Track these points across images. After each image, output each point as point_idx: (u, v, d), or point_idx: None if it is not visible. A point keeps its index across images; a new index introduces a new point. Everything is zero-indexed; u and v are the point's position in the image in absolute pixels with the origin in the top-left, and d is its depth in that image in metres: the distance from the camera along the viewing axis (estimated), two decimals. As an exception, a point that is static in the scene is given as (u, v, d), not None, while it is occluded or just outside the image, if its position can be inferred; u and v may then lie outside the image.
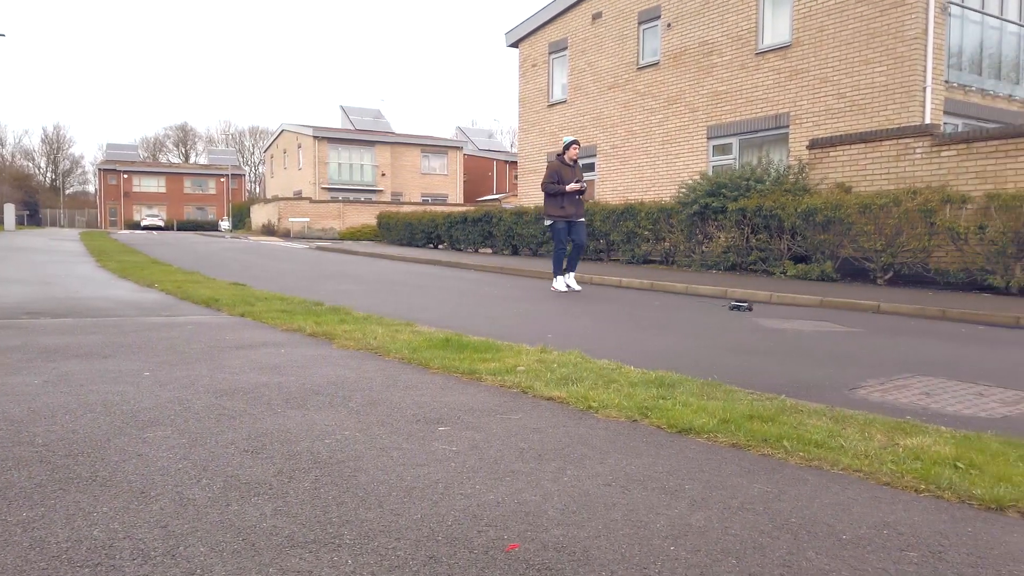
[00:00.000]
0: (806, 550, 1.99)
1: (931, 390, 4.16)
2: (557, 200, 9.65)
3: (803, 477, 2.58)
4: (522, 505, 2.25)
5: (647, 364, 4.51)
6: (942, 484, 2.47)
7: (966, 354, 5.55)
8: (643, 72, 18.69)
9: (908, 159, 10.92)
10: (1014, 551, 2.02)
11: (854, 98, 13.78)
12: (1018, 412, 3.69)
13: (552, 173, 9.70)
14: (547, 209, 9.81)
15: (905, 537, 2.09)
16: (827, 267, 10.91)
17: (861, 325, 7.04)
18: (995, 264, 9.22)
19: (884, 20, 13.26)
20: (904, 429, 3.10)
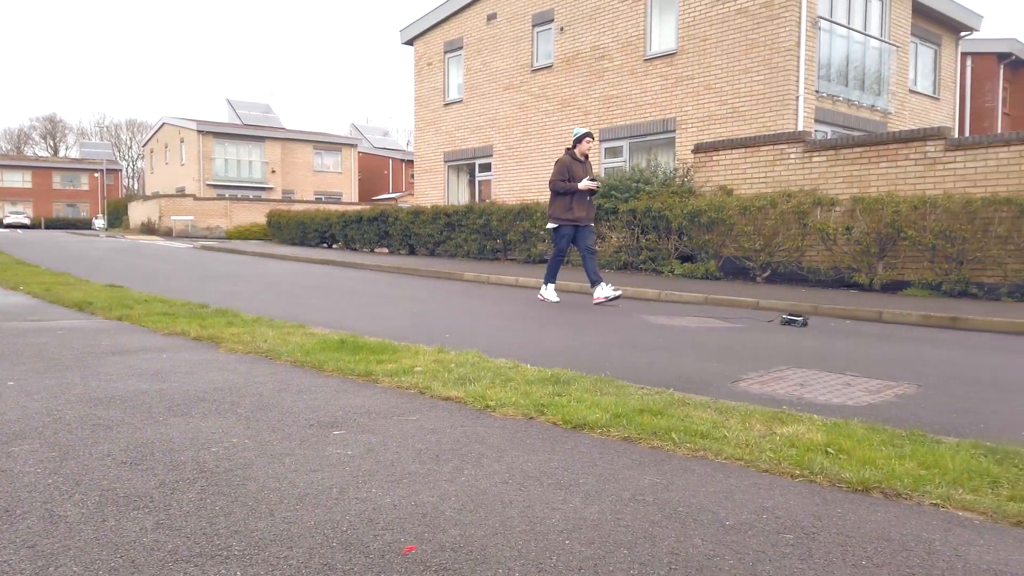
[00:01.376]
0: (693, 537, 2.08)
1: (805, 381, 4.44)
2: (566, 201, 8.55)
3: (690, 467, 2.70)
4: (419, 507, 2.24)
5: (544, 362, 4.58)
6: (815, 469, 2.64)
7: (835, 347, 5.96)
8: (538, 74, 18.95)
9: (783, 164, 11.60)
10: (878, 529, 2.19)
11: (735, 105, 14.50)
12: (881, 400, 3.99)
13: (562, 169, 8.58)
14: (553, 210, 8.67)
15: (782, 520, 2.22)
16: (711, 266, 11.43)
17: (742, 321, 7.42)
18: (860, 262, 9.94)
19: (761, 32, 14.03)
20: (781, 419, 3.30)
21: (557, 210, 8.61)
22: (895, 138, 10.44)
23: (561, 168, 8.57)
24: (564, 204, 8.54)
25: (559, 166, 8.59)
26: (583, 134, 8.68)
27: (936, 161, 9.86)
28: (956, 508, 2.34)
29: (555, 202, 8.65)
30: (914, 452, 2.81)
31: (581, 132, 8.73)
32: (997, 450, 2.85)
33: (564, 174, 8.54)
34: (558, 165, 8.60)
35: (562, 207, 8.55)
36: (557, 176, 8.57)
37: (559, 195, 8.58)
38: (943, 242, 9.14)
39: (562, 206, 8.55)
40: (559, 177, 8.54)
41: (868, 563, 1.95)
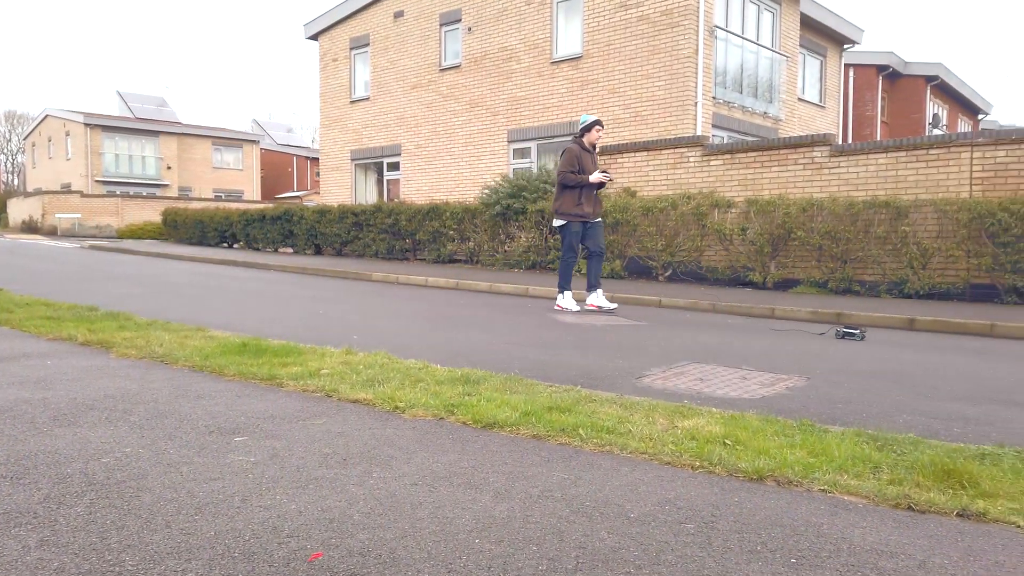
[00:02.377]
0: (599, 531, 2.13)
1: (704, 376, 4.62)
2: (575, 195, 7.79)
3: (597, 462, 2.76)
4: (326, 512, 2.20)
5: (454, 362, 4.58)
6: (714, 460, 2.75)
7: (732, 342, 6.23)
8: (446, 74, 18.90)
9: (683, 167, 12.03)
10: (772, 515, 2.30)
11: (638, 109, 14.91)
12: (774, 392, 4.20)
13: (572, 160, 7.77)
14: (560, 205, 7.89)
15: (683, 511, 2.31)
16: (616, 265, 11.71)
17: (646, 318, 7.64)
18: (755, 262, 10.43)
19: (661, 39, 14.49)
20: (682, 412, 3.42)
21: (566, 205, 7.83)
22: (786, 144, 11.01)
23: (571, 158, 7.77)
24: (573, 198, 7.78)
25: (568, 156, 7.80)
26: (592, 121, 7.91)
27: (822, 166, 10.46)
28: (842, 493, 2.50)
29: (563, 196, 7.86)
30: (804, 441, 2.98)
31: (590, 119, 7.93)
32: (878, 437, 3.06)
33: (574, 165, 7.75)
34: (567, 155, 7.81)
35: (571, 201, 7.79)
36: (567, 167, 7.76)
37: (568, 188, 7.80)
38: (829, 242, 9.70)
39: (571, 200, 7.79)
40: (569, 168, 7.75)
41: (763, 548, 2.05)
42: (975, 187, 9.20)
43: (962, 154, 9.30)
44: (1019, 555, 2.06)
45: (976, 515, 2.31)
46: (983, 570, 1.96)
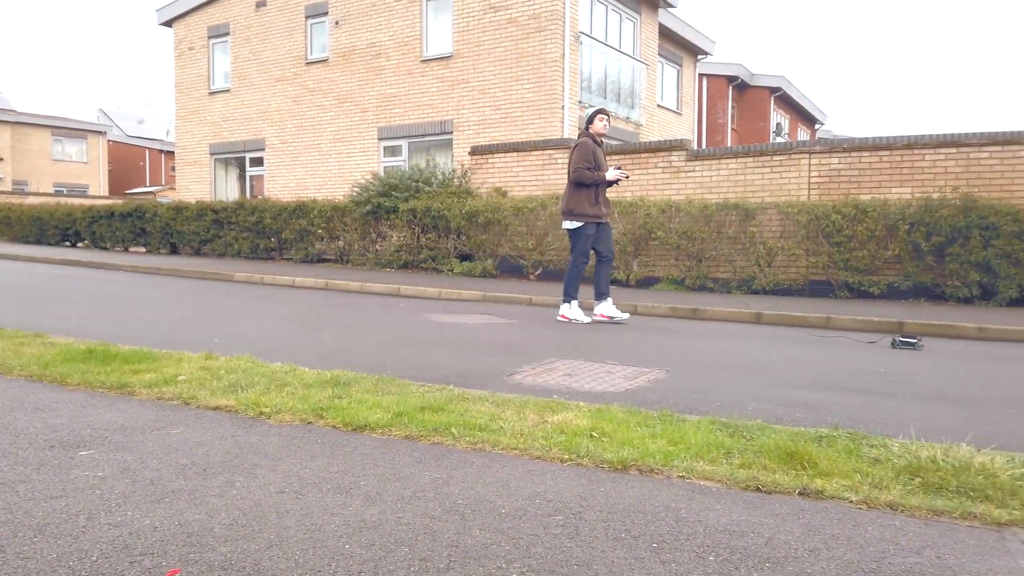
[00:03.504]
0: (472, 528, 2.15)
1: (573, 371, 4.76)
2: (590, 194, 7.08)
3: (469, 460, 2.78)
4: (184, 527, 2.08)
5: (324, 364, 4.46)
6: (581, 453, 2.84)
7: (599, 338, 6.45)
8: (312, 68, 18.35)
9: (552, 168, 12.32)
10: (635, 503, 2.41)
11: (508, 111, 15.12)
12: (637, 385, 4.39)
13: (587, 155, 7.05)
14: (573, 205, 7.13)
15: (553, 503, 2.37)
16: (489, 265, 11.83)
17: (517, 317, 7.77)
18: (619, 261, 10.85)
19: (530, 43, 14.77)
20: (552, 407, 3.51)
21: (581, 204, 7.08)
22: (646, 148, 11.54)
23: (586, 154, 7.04)
24: (589, 198, 7.05)
25: (583, 151, 7.06)
26: (595, 111, 7.29)
27: (680, 170, 11.04)
28: (698, 478, 2.65)
29: (576, 195, 7.10)
30: (664, 431, 3.13)
31: (593, 110, 7.35)
32: (730, 424, 3.27)
33: (590, 161, 7.03)
34: (581, 150, 7.07)
35: (587, 201, 7.05)
36: (583, 163, 7.01)
37: (583, 187, 7.05)
38: (686, 242, 10.26)
39: (587, 200, 7.05)
40: (585, 165, 7.00)
41: (627, 535, 2.15)
42: (813, 191, 10.02)
43: (801, 161, 10.11)
44: (851, 527, 2.27)
45: (815, 493, 2.52)
46: (821, 543, 2.14)
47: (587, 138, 7.16)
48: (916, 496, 2.49)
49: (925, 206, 8.83)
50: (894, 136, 9.62)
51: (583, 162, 7.02)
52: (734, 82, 23.87)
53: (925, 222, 8.76)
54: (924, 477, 2.62)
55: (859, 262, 9.21)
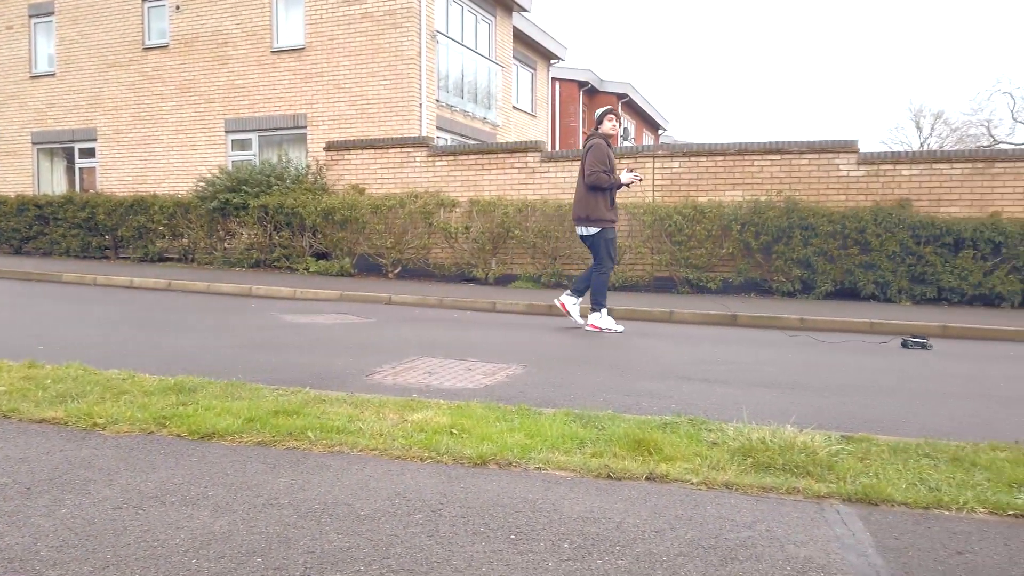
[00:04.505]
0: (329, 533, 2.11)
1: (433, 369, 4.77)
2: (606, 197, 6.82)
3: (327, 464, 2.72)
4: (5, 552, 1.90)
5: (167, 369, 4.19)
6: (441, 450, 2.86)
7: (459, 336, 6.50)
8: (151, 54, 17.12)
9: (410, 166, 12.25)
10: (494, 497, 2.46)
11: (364, 107, 14.85)
12: (496, 381, 4.47)
13: (604, 157, 6.73)
14: (591, 210, 6.79)
15: (413, 502, 2.37)
16: (346, 263, 11.58)
17: (376, 316, 7.67)
18: (478, 259, 10.97)
19: (385, 39, 14.59)
20: (412, 406, 3.50)
21: (598, 209, 6.79)
22: (503, 148, 11.73)
23: (602, 156, 6.74)
24: (605, 202, 6.81)
25: (598, 154, 6.74)
26: (604, 112, 7.03)
27: (535, 170, 11.32)
28: (554, 469, 2.74)
29: (594, 199, 6.79)
30: (522, 424, 3.21)
31: (601, 110, 7.09)
32: (583, 415, 3.40)
33: (606, 163, 6.74)
34: (597, 152, 6.75)
35: (604, 205, 6.80)
36: (599, 166, 6.70)
37: (599, 191, 6.78)
38: (542, 240, 10.54)
39: (603, 204, 6.79)
40: (601, 168, 6.70)
41: (486, 528, 2.19)
42: (656, 193, 10.60)
43: (646, 164, 10.66)
44: (692, 507, 2.43)
45: (660, 477, 2.68)
46: (666, 524, 2.28)
47: (600, 140, 6.90)
48: (749, 475, 2.71)
49: (754, 208, 9.58)
50: (728, 143, 10.36)
51: (599, 165, 6.71)
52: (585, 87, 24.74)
53: (754, 223, 9.50)
54: (755, 457, 2.86)
55: (698, 260, 9.85)
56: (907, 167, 9.54)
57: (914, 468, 2.78)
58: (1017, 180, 9.13)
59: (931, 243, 8.89)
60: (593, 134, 7.01)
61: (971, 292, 8.81)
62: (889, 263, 9.02)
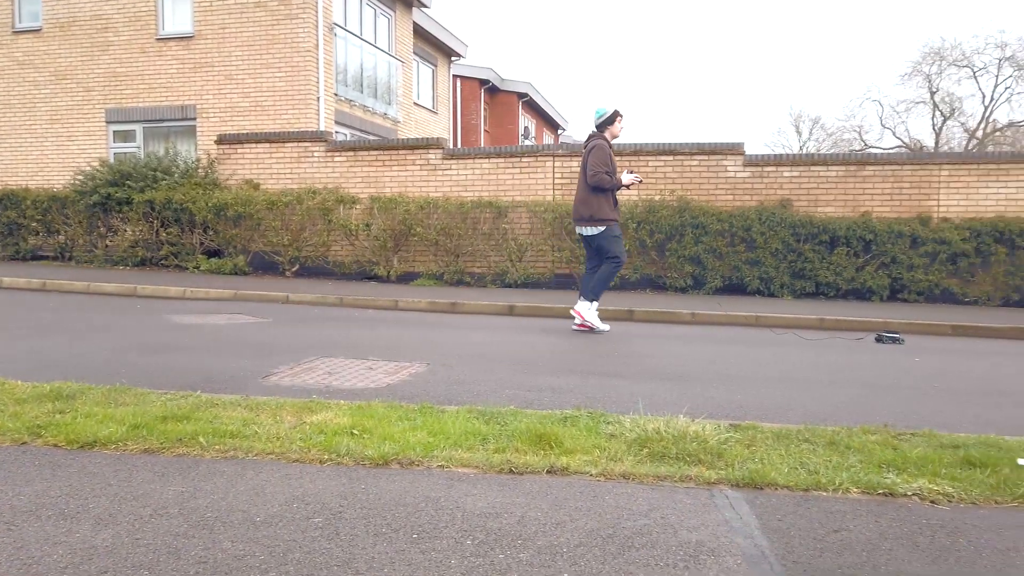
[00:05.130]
0: (222, 541, 2.03)
1: (333, 369, 4.67)
2: (608, 198, 6.93)
3: (220, 470, 2.62)
4: None
5: (42, 376, 3.92)
6: (341, 452, 2.81)
7: (360, 335, 6.39)
8: (22, 37, 15.90)
9: (308, 161, 11.93)
10: (396, 497, 2.43)
11: (258, 99, 14.34)
12: (398, 380, 4.43)
13: (606, 158, 6.87)
14: (594, 210, 6.88)
15: (312, 506, 2.32)
16: (240, 261, 11.15)
17: (273, 315, 7.43)
18: (379, 256, 10.82)
19: (280, 29, 14.13)
20: (311, 408, 3.42)
21: (602, 209, 6.89)
22: (404, 145, 11.61)
23: (604, 157, 6.88)
24: (608, 202, 6.94)
25: (601, 155, 6.87)
26: (613, 113, 7.04)
27: (437, 168, 11.27)
28: (457, 466, 2.75)
29: (595, 200, 6.90)
30: (424, 423, 3.20)
31: (609, 111, 7.04)
32: (486, 412, 3.43)
33: (608, 164, 6.89)
34: (599, 153, 6.87)
35: (607, 205, 6.92)
36: (601, 167, 6.83)
37: (601, 192, 6.90)
38: (444, 238, 10.51)
39: (607, 204, 6.92)
40: (603, 169, 6.84)
41: (388, 529, 2.17)
42: (557, 191, 10.78)
43: (547, 163, 10.82)
44: (591, 499, 2.49)
45: (561, 470, 2.73)
46: (566, 516, 2.33)
47: (602, 140, 6.98)
48: (645, 465, 2.80)
49: (649, 207, 9.91)
50: (624, 143, 10.65)
51: (602, 166, 6.83)
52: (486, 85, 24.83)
53: (649, 221, 9.83)
54: (651, 447, 2.97)
55: (599, 257, 10.10)
56: (788, 169, 10.10)
57: (795, 453, 2.96)
58: (885, 182, 9.84)
59: (810, 241, 9.46)
60: (596, 134, 7.06)
61: (845, 287, 9.44)
62: (773, 260, 9.54)
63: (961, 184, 9.65)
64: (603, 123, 7.05)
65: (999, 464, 2.81)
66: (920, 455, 2.92)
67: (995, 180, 9.58)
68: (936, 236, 9.23)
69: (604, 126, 7.05)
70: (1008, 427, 3.61)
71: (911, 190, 9.71)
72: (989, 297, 9.23)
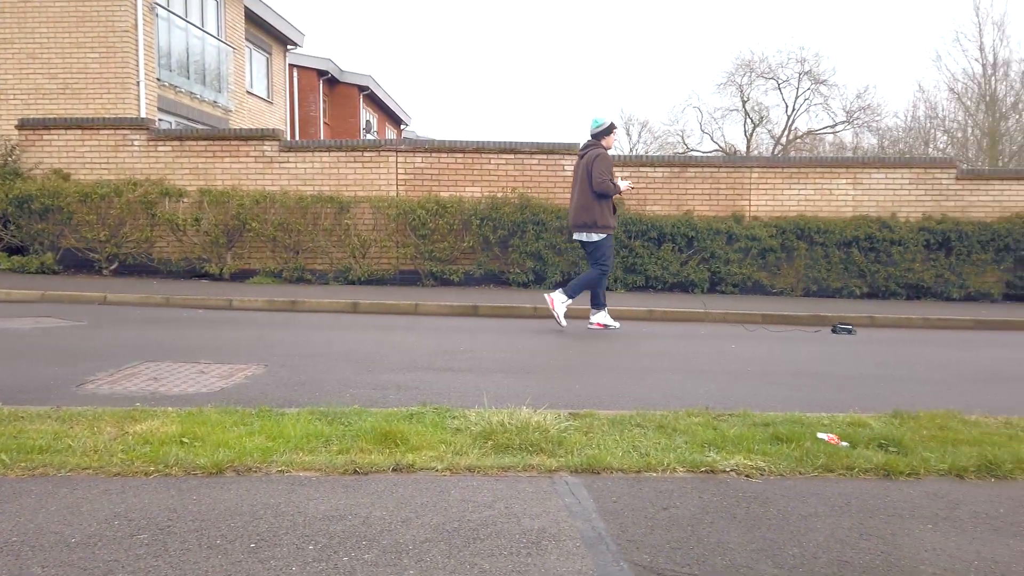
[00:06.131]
0: (31, 567, 1.85)
1: (160, 374, 4.36)
2: (608, 205, 7.19)
3: (27, 489, 2.38)
4: None
5: None
6: (170, 462, 2.63)
7: (190, 336, 6.00)
8: None
9: (127, 151, 11.00)
10: (232, 506, 2.32)
11: (68, 81, 13.04)
12: (234, 383, 4.21)
13: (609, 167, 7.14)
14: (597, 217, 7.10)
15: (136, 522, 2.16)
16: (48, 259, 10.10)
17: (88, 318, 6.80)
18: (211, 253, 10.20)
19: (93, 6, 12.93)
20: (134, 416, 3.18)
21: (604, 216, 7.16)
22: (237, 135, 11.01)
23: (608, 166, 7.17)
24: (608, 209, 7.21)
25: (606, 163, 7.14)
26: (611, 125, 7.42)
27: (273, 160, 10.79)
28: (298, 470, 2.66)
29: (599, 207, 7.13)
30: (263, 427, 3.07)
31: (607, 122, 7.39)
32: (328, 412, 3.34)
33: (611, 173, 7.20)
34: (604, 162, 7.14)
35: (608, 212, 7.20)
36: (607, 176, 7.10)
37: (604, 199, 7.15)
38: (282, 234, 10.09)
39: (608, 211, 7.20)
40: (609, 177, 7.12)
41: (222, 541, 2.06)
42: (400, 187, 10.69)
43: (390, 158, 10.70)
44: (437, 494, 2.51)
45: (407, 467, 2.73)
46: (412, 513, 2.33)
47: (604, 150, 7.30)
48: (489, 457, 2.86)
49: (492, 203, 10.08)
50: (467, 141, 10.75)
51: (607, 175, 7.14)
52: (324, 76, 24.09)
53: (492, 218, 10.00)
54: (495, 439, 3.03)
55: (442, 253, 10.12)
56: (620, 169, 10.63)
57: (629, 437, 3.14)
58: (705, 183, 10.63)
59: (640, 237, 10.04)
60: (595, 144, 7.35)
61: (671, 280, 10.11)
62: (608, 255, 10.02)
63: (769, 186, 10.62)
64: (600, 133, 7.40)
65: (803, 438, 3.13)
66: (737, 434, 3.19)
67: (797, 183, 10.63)
68: (748, 233, 10.10)
69: (601, 136, 7.39)
70: (810, 404, 4.04)
71: (727, 191, 10.55)
72: (793, 288, 10.25)
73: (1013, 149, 26.36)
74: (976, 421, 3.59)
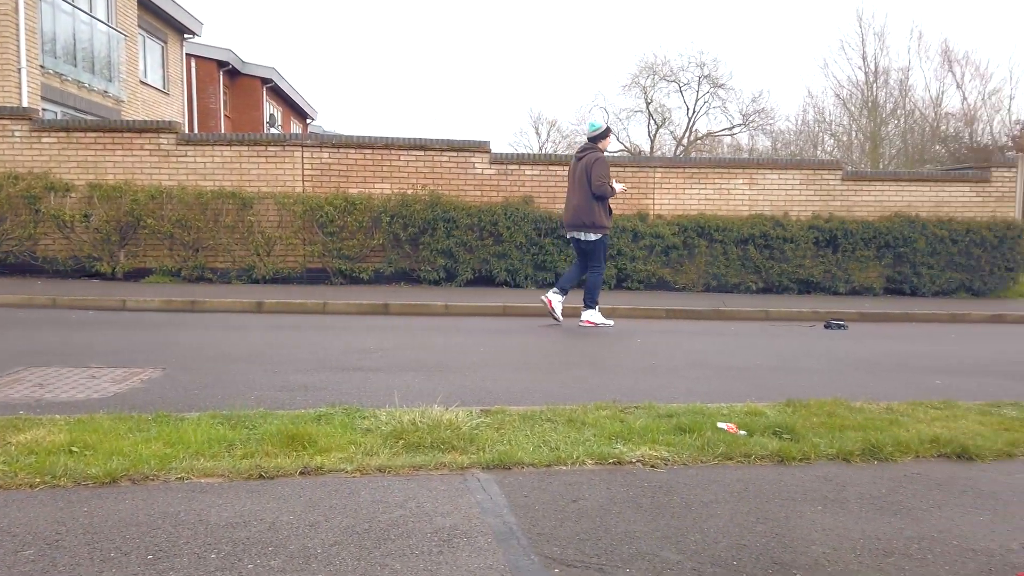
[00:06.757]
0: (-100, 592, 1.71)
1: (45, 380, 4.10)
2: (605, 206, 7.48)
3: None
4: None
5: None
6: (58, 473, 2.48)
7: (79, 339, 5.67)
8: None
9: (8, 142, 10.26)
10: (127, 517, 2.21)
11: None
12: (128, 388, 4.01)
13: (608, 170, 7.43)
14: (596, 218, 7.39)
15: (20, 538, 2.03)
16: (-86, 258, 9.31)
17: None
18: (102, 251, 9.66)
19: (-32, -16, 11.99)
20: (17, 425, 2.98)
21: (602, 217, 7.45)
22: (130, 127, 10.45)
23: (607, 168, 7.45)
24: (605, 210, 7.50)
25: (605, 166, 7.42)
26: (607, 128, 7.69)
27: (170, 154, 10.30)
28: (200, 477, 2.56)
29: (598, 208, 7.41)
30: (160, 433, 2.94)
31: (603, 127, 7.66)
32: (232, 416, 3.23)
33: (609, 176, 7.45)
34: (603, 165, 7.40)
35: (605, 213, 7.50)
36: (607, 178, 7.38)
37: (602, 200, 7.42)
38: (181, 231, 9.66)
39: (605, 212, 7.49)
40: (608, 180, 7.40)
41: (117, 553, 1.97)
42: (307, 183, 10.42)
43: (295, 153, 10.41)
44: (347, 496, 2.47)
45: (315, 470, 2.67)
46: (321, 516, 2.29)
47: (600, 152, 7.54)
48: (400, 456, 2.84)
49: (402, 201, 9.97)
50: (376, 137, 10.59)
51: (607, 178, 7.39)
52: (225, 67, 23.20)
53: (403, 215, 9.90)
54: (407, 438, 3.01)
55: (350, 251, 9.94)
56: (530, 167, 10.75)
57: (539, 432, 3.18)
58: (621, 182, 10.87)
59: (549, 235, 10.17)
60: (592, 147, 7.56)
61: (582, 277, 10.29)
62: (518, 252, 10.10)
63: (671, 186, 10.98)
64: (597, 136, 7.63)
65: (703, 428, 3.26)
66: (642, 425, 3.29)
67: (697, 183, 11.03)
68: (652, 231, 10.41)
69: (598, 139, 7.63)
70: (711, 395, 4.21)
71: (632, 190, 10.82)
72: (694, 284, 10.63)
73: (892, 152, 28.24)
74: (861, 407, 3.83)
